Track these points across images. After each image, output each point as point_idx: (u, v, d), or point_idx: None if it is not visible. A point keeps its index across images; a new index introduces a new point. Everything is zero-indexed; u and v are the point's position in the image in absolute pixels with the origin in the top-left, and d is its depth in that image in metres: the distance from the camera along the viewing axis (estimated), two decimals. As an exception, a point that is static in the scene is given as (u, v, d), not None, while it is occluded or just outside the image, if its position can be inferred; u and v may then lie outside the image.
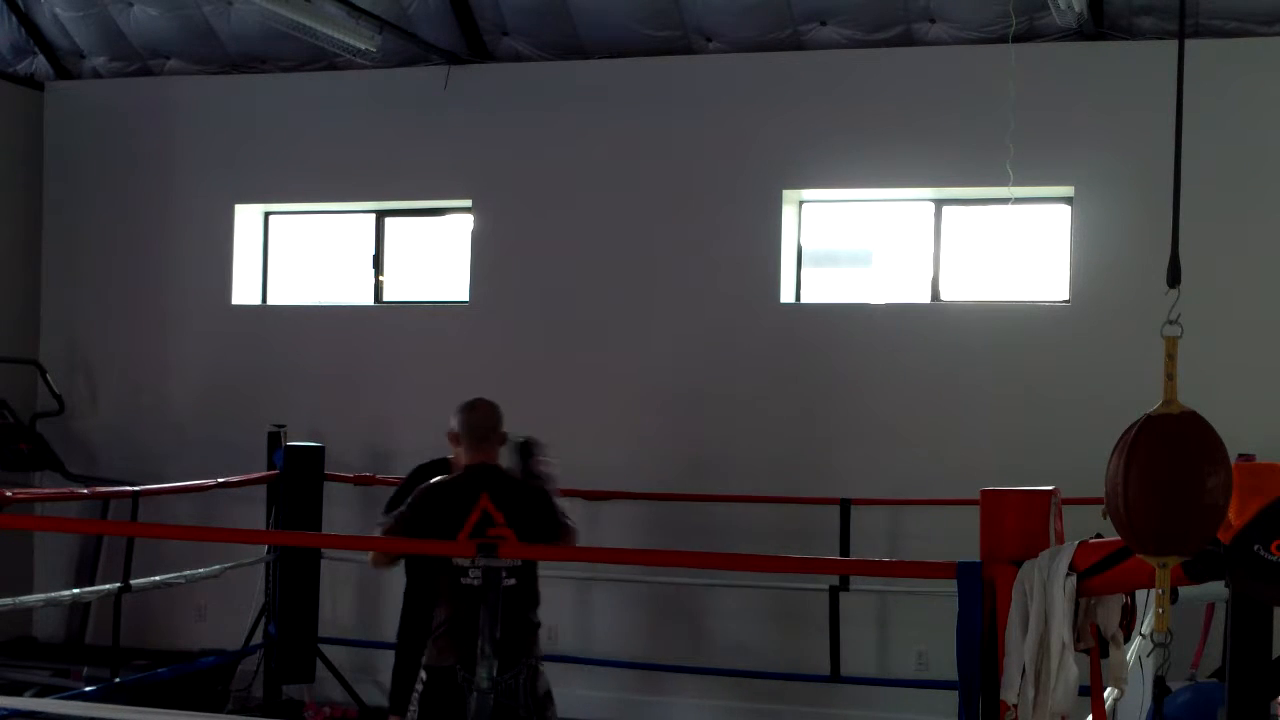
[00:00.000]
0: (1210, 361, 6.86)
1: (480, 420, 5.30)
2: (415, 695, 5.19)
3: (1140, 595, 3.88)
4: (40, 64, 10.48)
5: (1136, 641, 4.23)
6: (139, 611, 8.74)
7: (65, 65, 10.47)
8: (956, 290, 8.93)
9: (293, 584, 8.58)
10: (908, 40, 8.80)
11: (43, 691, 8.15)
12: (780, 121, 9.01)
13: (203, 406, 9.96)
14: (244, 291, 10.15)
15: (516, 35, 9.43)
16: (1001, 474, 4.86)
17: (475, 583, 4.83)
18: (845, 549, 8.07)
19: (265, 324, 10.07)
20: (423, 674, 5.18)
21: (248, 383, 9.86)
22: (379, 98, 9.75)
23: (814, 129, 8.95)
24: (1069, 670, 3.40)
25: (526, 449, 5.51)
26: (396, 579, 9.45)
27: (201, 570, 8.19)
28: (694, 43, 9.18)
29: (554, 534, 5.27)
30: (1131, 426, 3.00)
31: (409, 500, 5.31)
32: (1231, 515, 3.10)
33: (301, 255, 10.36)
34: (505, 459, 5.40)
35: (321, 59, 9.80)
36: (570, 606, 9.01)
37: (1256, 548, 3.16)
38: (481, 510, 5.12)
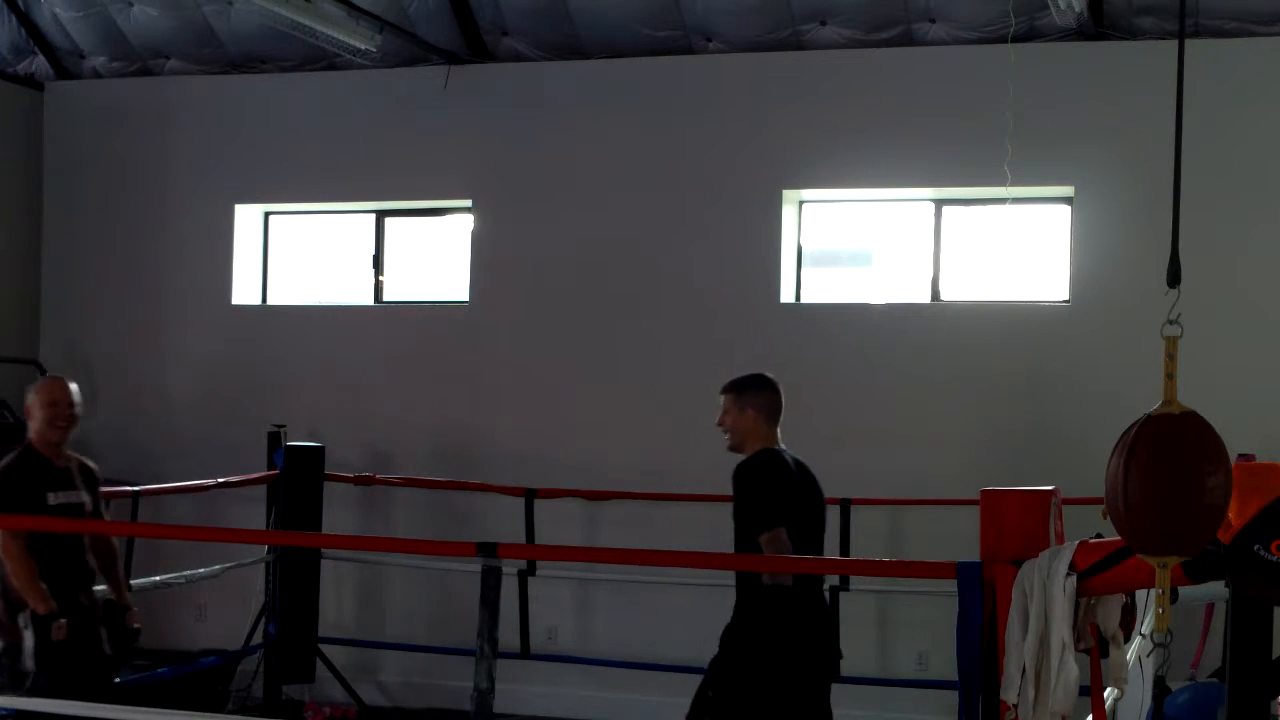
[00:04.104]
0: (1210, 361, 6.85)
1: None
2: None
3: (1140, 595, 3.88)
4: (40, 64, 10.47)
5: (1136, 641, 4.23)
6: (139, 611, 8.73)
7: (65, 65, 10.46)
8: (956, 290, 8.93)
9: (293, 584, 8.58)
10: (908, 40, 8.80)
11: (43, 691, 8.13)
12: (780, 121, 9.00)
13: (203, 406, 9.95)
14: (244, 291, 10.15)
15: (516, 35, 9.42)
16: (1001, 474, 4.85)
17: None
18: (845, 549, 8.06)
19: (265, 324, 10.06)
20: None
21: (248, 383, 9.85)
22: (379, 98, 9.75)
23: (814, 129, 8.94)
24: (1069, 670, 3.40)
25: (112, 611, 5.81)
26: (397, 579, 9.50)
27: (201, 570, 8.19)
28: (694, 43, 9.17)
29: None
30: (1131, 426, 3.00)
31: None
32: (1231, 515, 3.10)
33: (301, 255, 10.36)
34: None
35: (321, 59, 9.79)
36: (570, 606, 9.01)
37: (1256, 548, 3.16)
38: None
